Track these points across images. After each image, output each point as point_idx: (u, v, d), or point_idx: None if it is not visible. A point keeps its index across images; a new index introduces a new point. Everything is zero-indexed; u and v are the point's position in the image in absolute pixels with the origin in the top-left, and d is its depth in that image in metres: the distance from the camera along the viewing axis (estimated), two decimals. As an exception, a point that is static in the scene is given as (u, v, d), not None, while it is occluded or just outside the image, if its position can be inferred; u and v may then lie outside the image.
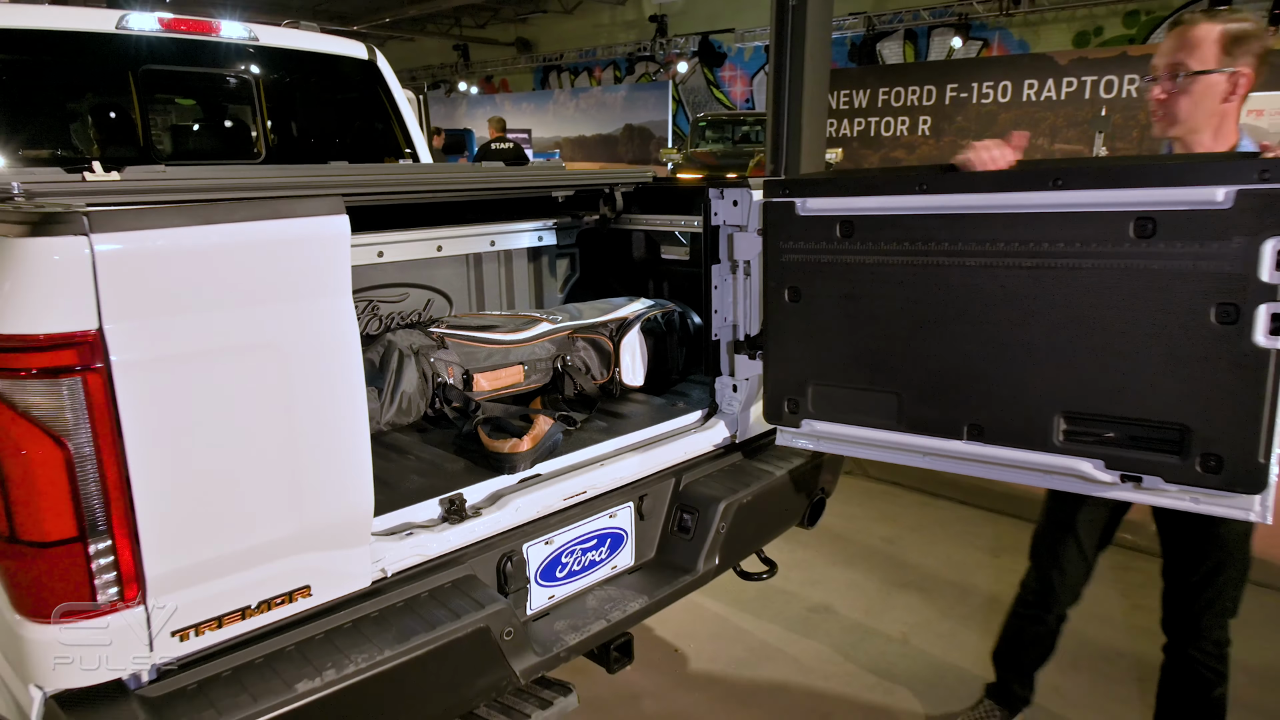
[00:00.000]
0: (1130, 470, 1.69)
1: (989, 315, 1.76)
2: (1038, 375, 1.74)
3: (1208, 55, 1.97)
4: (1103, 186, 1.61)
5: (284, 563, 1.42)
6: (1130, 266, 1.60)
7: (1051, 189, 1.65)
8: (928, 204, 1.80)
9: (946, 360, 1.84)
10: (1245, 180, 1.48)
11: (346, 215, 1.38)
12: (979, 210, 1.74)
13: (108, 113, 3.01)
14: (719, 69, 20.54)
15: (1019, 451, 1.80)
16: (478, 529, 1.76)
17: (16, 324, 1.15)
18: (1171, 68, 2.01)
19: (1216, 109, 1.99)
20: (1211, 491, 1.62)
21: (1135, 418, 1.66)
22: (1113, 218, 1.60)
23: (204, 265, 1.26)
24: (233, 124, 3.47)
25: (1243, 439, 1.55)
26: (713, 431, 2.28)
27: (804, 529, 2.56)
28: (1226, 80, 1.97)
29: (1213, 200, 1.51)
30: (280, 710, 1.35)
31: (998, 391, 1.79)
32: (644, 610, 1.98)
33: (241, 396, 1.31)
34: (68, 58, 2.84)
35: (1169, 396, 1.61)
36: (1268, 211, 1.46)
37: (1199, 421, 1.59)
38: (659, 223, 2.74)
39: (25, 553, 1.21)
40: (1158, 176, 1.57)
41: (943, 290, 1.81)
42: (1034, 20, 15.68)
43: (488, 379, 2.25)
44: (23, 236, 1.14)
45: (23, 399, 1.17)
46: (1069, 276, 1.66)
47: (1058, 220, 1.65)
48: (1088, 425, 1.72)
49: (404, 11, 22.54)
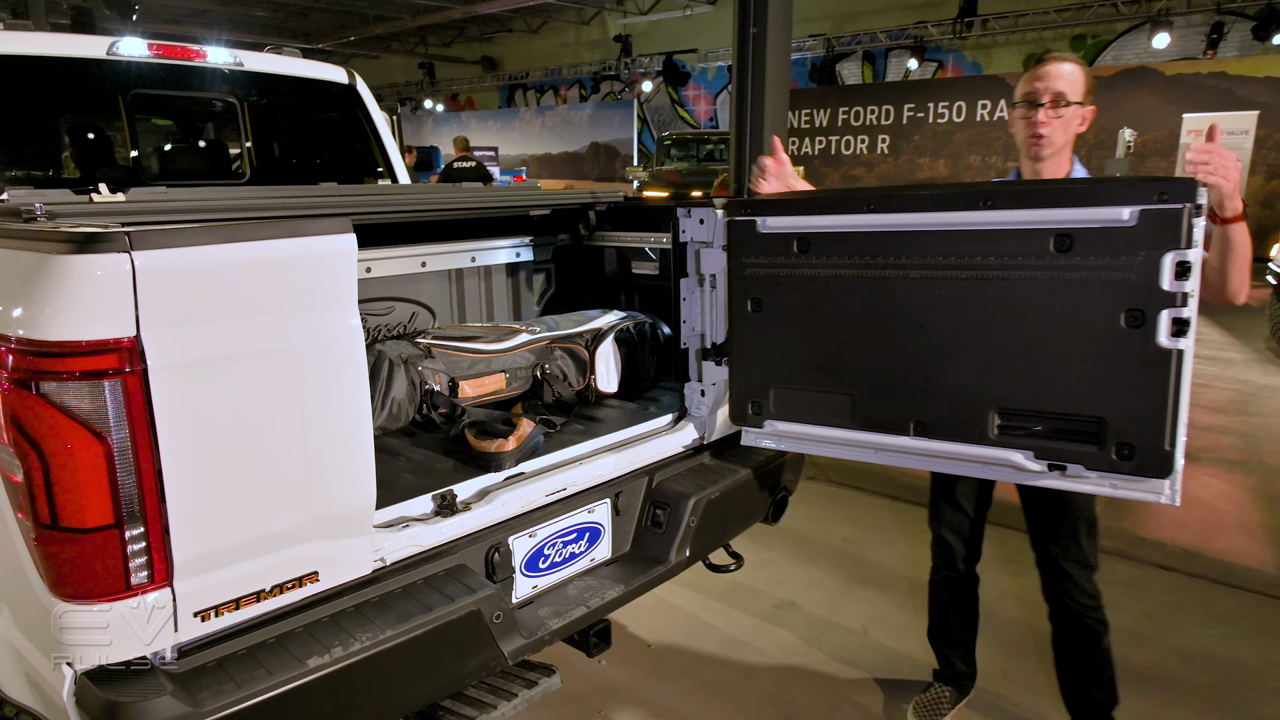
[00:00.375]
0: (1056, 459, 1.88)
1: (930, 322, 1.95)
2: (974, 375, 1.93)
3: (1080, 90, 2.23)
4: (1026, 207, 1.81)
5: (295, 550, 1.55)
6: (1051, 277, 1.80)
7: (982, 209, 1.85)
8: (875, 222, 1.99)
9: (894, 363, 2.03)
10: (1147, 201, 1.68)
11: (354, 234, 1.54)
12: (919, 228, 1.93)
13: (99, 134, 3.12)
14: (683, 88, 20.89)
15: (959, 445, 1.99)
16: (467, 522, 1.90)
17: (64, 331, 1.28)
18: (1056, 96, 2.21)
19: (1072, 136, 2.27)
20: (1127, 477, 1.82)
21: (1059, 412, 1.85)
22: (1035, 234, 1.80)
23: (229, 278, 1.40)
24: (218, 145, 3.58)
25: (1151, 429, 1.75)
26: (682, 433, 2.44)
27: (769, 525, 2.73)
28: (1088, 113, 2.26)
29: (1120, 218, 1.71)
30: (294, 684, 1.48)
31: (939, 391, 1.98)
32: (621, 598, 2.13)
33: (260, 397, 1.45)
34: (62, 82, 2.94)
35: (1087, 392, 1.81)
36: (1166, 228, 1.66)
37: (1113, 414, 1.79)
38: (630, 240, 2.91)
39: (66, 538, 1.33)
40: (1073, 198, 1.78)
41: (889, 300, 2.00)
42: (986, 43, 16.23)
43: (472, 386, 2.40)
44: (70, 253, 1.28)
45: (68, 398, 1.30)
46: (999, 287, 1.85)
47: (988, 236, 1.85)
48: (1018, 420, 1.91)
49: (369, 30, 22.61)
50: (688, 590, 3.57)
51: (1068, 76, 2.22)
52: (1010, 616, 3.37)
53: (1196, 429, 5.67)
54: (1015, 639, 3.22)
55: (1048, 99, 2.23)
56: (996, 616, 3.35)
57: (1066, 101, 2.22)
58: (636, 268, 3.07)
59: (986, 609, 3.33)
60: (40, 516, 1.33)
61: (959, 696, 2.77)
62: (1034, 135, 2.25)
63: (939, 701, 2.74)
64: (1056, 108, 2.22)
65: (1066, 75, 2.23)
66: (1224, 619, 3.38)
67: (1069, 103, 2.22)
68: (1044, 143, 2.25)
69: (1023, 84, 2.30)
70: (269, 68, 3.48)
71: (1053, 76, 2.23)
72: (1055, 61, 2.25)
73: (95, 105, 3.17)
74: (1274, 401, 6.33)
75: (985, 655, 3.01)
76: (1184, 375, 1.72)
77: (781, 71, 5.99)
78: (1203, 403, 6.27)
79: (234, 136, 3.55)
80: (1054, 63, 2.25)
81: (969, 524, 2.63)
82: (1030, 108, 2.25)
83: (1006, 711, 2.82)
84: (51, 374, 1.30)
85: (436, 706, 1.87)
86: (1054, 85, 2.22)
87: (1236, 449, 5.32)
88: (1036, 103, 2.24)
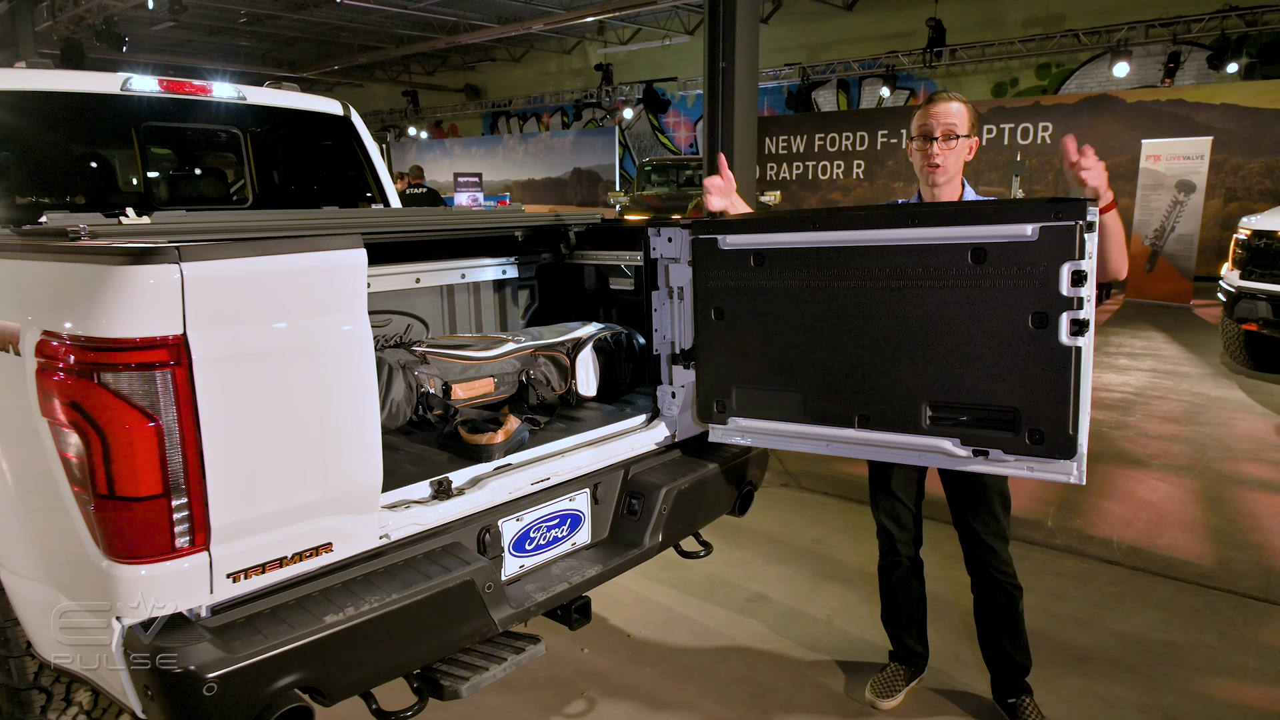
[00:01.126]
0: (979, 445, 2.15)
1: (869, 326, 2.22)
2: (908, 373, 2.19)
3: (967, 124, 2.56)
4: (946, 224, 2.09)
5: (313, 522, 1.78)
6: (970, 286, 2.07)
7: (910, 226, 2.13)
8: (819, 239, 2.26)
9: (838, 363, 2.29)
10: (1045, 218, 1.96)
11: (365, 249, 1.78)
12: (856, 243, 2.20)
13: (114, 162, 3.36)
14: (663, 115, 21.32)
15: (897, 435, 2.25)
16: (462, 505, 2.14)
17: (122, 330, 1.52)
18: (947, 131, 2.53)
19: (962, 164, 2.60)
20: (1039, 459, 2.09)
21: (980, 404, 2.12)
22: (955, 248, 2.07)
23: (260, 286, 1.65)
24: (223, 173, 3.83)
25: (1057, 416, 2.02)
26: (655, 431, 2.69)
27: (736, 518, 2.97)
28: (974, 144, 2.60)
29: (1024, 234, 1.99)
30: (313, 637, 1.71)
31: (879, 387, 2.24)
32: (600, 576, 2.37)
33: (285, 388, 1.69)
34: (80, 115, 3.18)
35: (1003, 386, 2.07)
36: (1061, 242, 1.94)
37: (1025, 404, 2.05)
38: (607, 258, 3.18)
39: (121, 506, 1.56)
40: (986, 216, 2.06)
41: (833, 307, 2.26)
42: (955, 72, 16.75)
43: (464, 389, 2.63)
44: (129, 264, 1.52)
45: (124, 386, 1.53)
46: (926, 294, 2.12)
47: (915, 251, 2.12)
48: (946, 411, 2.17)
49: (354, 59, 22.94)
50: (665, 585, 3.80)
51: (956, 113, 2.54)
52: (965, 606, 3.62)
53: (1150, 437, 5.98)
54: (968, 626, 3.47)
55: (940, 133, 2.54)
56: (952, 607, 3.59)
57: (957, 135, 2.54)
58: (613, 283, 3.33)
59: (942, 600, 3.60)
60: (98, 487, 1.56)
61: (913, 674, 3.00)
62: (930, 165, 2.56)
63: (894, 679, 2.98)
64: (948, 140, 2.53)
65: (955, 112, 2.54)
66: (1160, 606, 3.64)
67: (958, 136, 2.54)
68: (939, 171, 2.56)
69: (917, 119, 2.60)
70: (269, 101, 3.74)
71: (944, 114, 2.54)
72: (945, 100, 2.56)
73: (110, 136, 3.42)
74: (1223, 412, 6.66)
75: (940, 640, 3.26)
76: (1084, 369, 1.98)
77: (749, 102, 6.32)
78: (1157, 413, 6.59)
79: (237, 165, 3.80)
80: (944, 101, 2.56)
81: (907, 512, 2.87)
82: (926, 141, 2.56)
83: (958, 690, 3.06)
84: (110, 365, 1.53)
85: (433, 670, 2.09)
86: (945, 121, 2.53)
87: (1185, 455, 5.62)
88: (931, 136, 2.55)
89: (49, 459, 1.66)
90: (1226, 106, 13.40)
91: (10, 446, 1.85)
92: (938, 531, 3.43)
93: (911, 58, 16.62)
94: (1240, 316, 7.51)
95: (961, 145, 2.56)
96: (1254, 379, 7.69)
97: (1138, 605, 3.64)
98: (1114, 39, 14.74)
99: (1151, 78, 14.81)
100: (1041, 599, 3.66)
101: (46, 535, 1.80)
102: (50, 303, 1.69)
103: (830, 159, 17.66)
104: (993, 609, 2.76)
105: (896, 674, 2.99)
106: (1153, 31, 14.45)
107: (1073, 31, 15.07)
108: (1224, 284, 7.86)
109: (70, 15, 15.00)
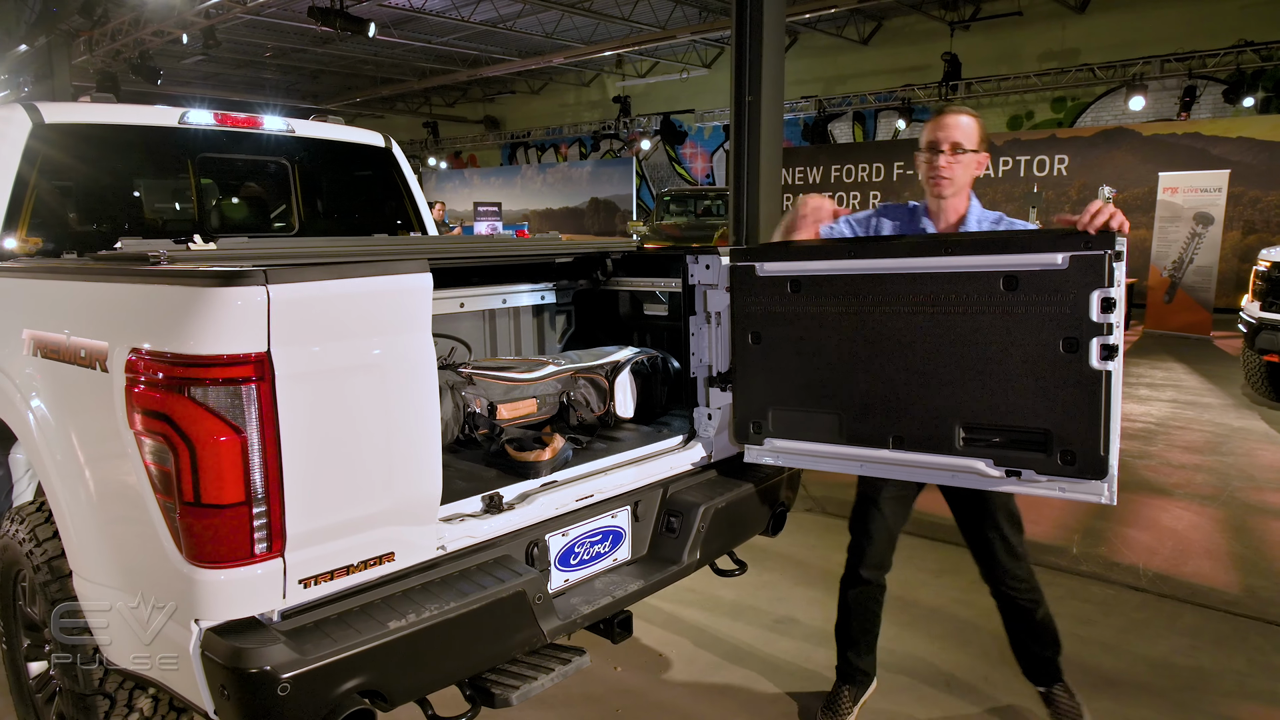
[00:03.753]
0: (1012, 466, 2.22)
1: (904, 350, 2.30)
2: (941, 395, 2.27)
3: (975, 139, 2.56)
4: (979, 253, 2.17)
5: (377, 532, 1.87)
6: (1002, 312, 2.15)
7: (944, 255, 2.22)
8: (856, 266, 2.35)
9: (874, 386, 2.37)
10: (1075, 248, 2.05)
11: (430, 274, 1.89)
12: (893, 271, 2.29)
13: (172, 191, 3.52)
14: (680, 146, 21.59)
15: (931, 455, 2.32)
16: (512, 520, 2.22)
17: (211, 347, 1.63)
18: (955, 145, 2.54)
19: (971, 178, 2.61)
20: (1071, 479, 2.15)
21: (1013, 425, 2.19)
22: (988, 276, 2.16)
23: (336, 307, 1.75)
24: (272, 202, 3.99)
25: (1088, 438, 2.09)
26: (692, 452, 2.77)
27: (769, 538, 3.04)
28: (983, 158, 2.60)
29: (1055, 263, 2.07)
30: (378, 642, 1.79)
31: (913, 409, 2.32)
32: (641, 591, 2.44)
33: (356, 402, 1.79)
34: (141, 146, 3.34)
35: (1036, 408, 2.14)
36: (1091, 270, 2.03)
37: (1057, 426, 2.13)
38: (642, 284, 3.28)
39: (206, 513, 1.65)
40: (1018, 245, 2.14)
41: (869, 332, 2.35)
42: (970, 105, 16.91)
43: (508, 409, 2.73)
44: (220, 287, 1.63)
45: (212, 400, 1.64)
46: (960, 320, 2.21)
47: (949, 278, 2.21)
48: (980, 433, 2.24)
49: (376, 91, 23.44)
50: (696, 606, 3.85)
51: (965, 127, 2.56)
52: (994, 629, 3.65)
53: (1173, 467, 6.00)
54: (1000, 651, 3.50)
55: (947, 147, 2.55)
56: (981, 631, 3.63)
57: (964, 149, 2.55)
58: (648, 309, 3.44)
59: (970, 624, 3.64)
60: (184, 495, 1.66)
61: (858, 693, 3.00)
62: (937, 178, 2.58)
63: (841, 700, 2.96)
64: (955, 154, 2.54)
65: (964, 125, 2.56)
66: (1187, 632, 3.66)
67: (965, 150, 2.55)
68: (945, 184, 2.58)
69: (926, 133, 2.62)
70: (316, 133, 3.90)
71: (951, 127, 2.56)
72: (954, 114, 2.58)
73: (168, 167, 3.58)
74: (1246, 443, 6.67)
75: (969, 662, 3.30)
76: (1114, 392, 2.06)
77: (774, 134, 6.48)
78: (1179, 443, 6.61)
79: (284, 193, 3.95)
80: (952, 115, 2.58)
81: (885, 533, 2.84)
82: (933, 153, 2.57)
83: (986, 709, 3.09)
84: (199, 381, 1.64)
85: (484, 679, 2.16)
86: (952, 135, 2.55)
87: (1209, 485, 5.64)
88: (938, 149, 2.56)
89: (133, 469, 1.77)
90: (1243, 140, 13.48)
91: (93, 459, 1.96)
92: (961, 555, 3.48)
93: (927, 90, 16.83)
94: (1261, 348, 7.54)
95: (969, 159, 2.57)
96: (1276, 410, 7.69)
97: (1165, 631, 3.67)
98: (1129, 73, 14.89)
99: (1167, 111, 14.92)
100: (1069, 624, 3.68)
101: (126, 543, 1.90)
102: (139, 322, 1.81)
103: (846, 189, 17.82)
104: (1013, 618, 2.84)
105: (842, 694, 2.97)
106: (1168, 66, 14.60)
107: (1088, 66, 15.24)
108: (1244, 315, 7.89)
109: (107, 49, 15.44)
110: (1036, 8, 15.60)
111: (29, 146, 3.00)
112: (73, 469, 2.00)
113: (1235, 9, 13.95)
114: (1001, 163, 15.47)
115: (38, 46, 14.80)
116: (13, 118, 3.03)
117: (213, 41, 14.75)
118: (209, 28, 14.49)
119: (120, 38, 15.06)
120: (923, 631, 3.65)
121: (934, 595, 3.98)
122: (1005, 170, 15.36)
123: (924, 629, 3.67)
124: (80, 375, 1.93)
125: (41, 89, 14.98)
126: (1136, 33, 14.79)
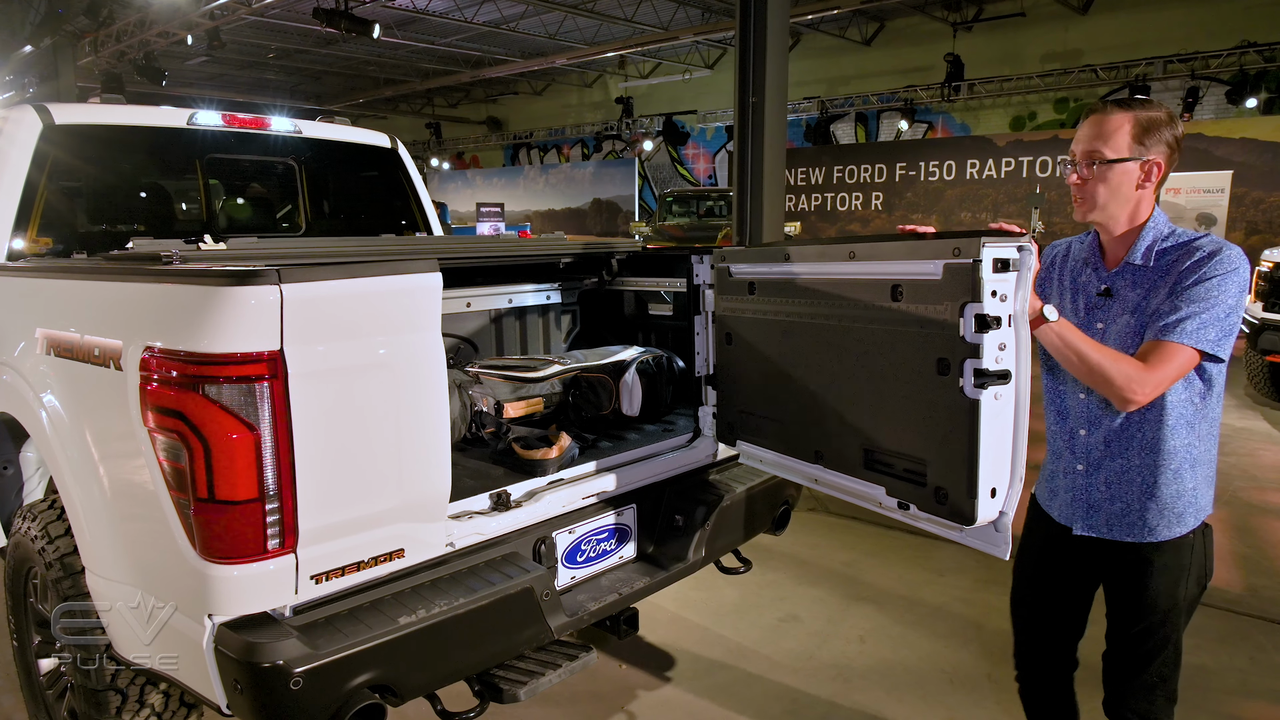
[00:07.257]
0: (901, 498, 1.97)
1: (823, 361, 2.17)
2: (849, 410, 2.08)
3: (1121, 144, 1.94)
4: (873, 260, 1.98)
5: (388, 529, 1.89)
6: (891, 324, 1.94)
7: (848, 261, 2.04)
8: (789, 270, 2.27)
9: (802, 395, 2.26)
10: (947, 256, 1.75)
11: (440, 273, 1.91)
12: (812, 275, 2.18)
13: (180, 192, 3.54)
14: (682, 147, 21.60)
15: (843, 476, 2.14)
16: (520, 517, 2.24)
17: (225, 345, 1.65)
18: (1088, 155, 1.97)
19: (1131, 195, 1.97)
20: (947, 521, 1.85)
21: (900, 451, 1.95)
22: (879, 285, 1.95)
23: (347, 306, 1.77)
24: (279, 202, 4.01)
25: (955, 476, 1.79)
26: (697, 450, 2.79)
27: (772, 536, 3.06)
28: (1139, 168, 1.95)
29: (932, 272, 1.80)
30: (389, 637, 1.81)
31: (829, 423, 2.17)
32: (647, 588, 2.46)
33: (367, 400, 1.81)
34: (150, 147, 3.37)
35: (916, 436, 1.89)
36: (962, 281, 1.72)
37: (933, 458, 1.86)
38: (647, 284, 3.30)
39: (220, 509, 1.68)
40: (901, 253, 1.90)
41: (798, 339, 2.26)
42: (974, 105, 16.93)
43: (514, 408, 2.75)
44: (234, 286, 1.65)
45: (226, 397, 1.66)
46: (860, 331, 2.03)
47: (852, 285, 2.04)
48: (877, 456, 2.04)
49: (379, 92, 23.47)
50: (698, 605, 3.87)
51: (1107, 131, 1.96)
52: (996, 628, 3.67)
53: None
54: (1000, 648, 3.52)
55: (1080, 157, 2.00)
56: (983, 629, 3.64)
57: (1104, 159, 1.95)
58: (653, 309, 3.46)
59: (973, 622, 3.63)
60: (199, 491, 1.68)
61: None
62: (1074, 198, 2.05)
63: None
64: (1090, 167, 1.98)
65: (1103, 131, 1.96)
66: (1190, 631, 3.62)
67: (1107, 160, 1.95)
68: (1079, 205, 2.04)
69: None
70: (322, 134, 3.92)
71: (1088, 132, 1.99)
72: (1096, 114, 2.00)
73: (177, 167, 3.60)
74: (1249, 443, 6.68)
75: (971, 662, 3.30)
76: (992, 426, 1.73)
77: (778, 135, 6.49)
78: (1181, 443, 6.62)
79: (291, 194, 3.98)
80: (1095, 115, 2.00)
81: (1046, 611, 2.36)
82: (1070, 166, 2.03)
83: (989, 707, 3.11)
84: (213, 378, 1.66)
85: (492, 675, 2.18)
86: (1087, 143, 1.99)
87: (1211, 484, 5.65)
88: (1071, 162, 2.03)
89: (147, 466, 1.79)
90: (1246, 141, 13.48)
91: (107, 456, 1.98)
92: (964, 554, 3.49)
93: (929, 91, 16.82)
94: (1264, 348, 7.56)
95: (1112, 174, 1.95)
96: (1278, 410, 7.70)
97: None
98: (1132, 74, 14.89)
99: (1170, 112, 14.90)
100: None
101: (139, 539, 1.93)
102: (153, 321, 1.83)
103: (849, 190, 17.83)
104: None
105: None
106: (1171, 67, 14.59)
107: (1090, 67, 15.23)
108: (1247, 316, 7.90)
109: (112, 50, 15.48)
110: (1039, 9, 15.60)
111: (39, 147, 3.02)
112: (86, 466, 2.02)
113: (1238, 10, 13.94)
114: (1004, 164, 15.48)
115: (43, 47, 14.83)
116: (23, 119, 3.05)
117: (217, 42, 14.78)
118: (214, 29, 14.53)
119: (125, 39, 15.09)
120: (926, 630, 3.66)
121: (936, 593, 4.00)
122: (1008, 171, 15.38)
123: (928, 628, 3.68)
124: (94, 373, 1.96)
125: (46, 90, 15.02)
126: (1139, 33, 14.78)
